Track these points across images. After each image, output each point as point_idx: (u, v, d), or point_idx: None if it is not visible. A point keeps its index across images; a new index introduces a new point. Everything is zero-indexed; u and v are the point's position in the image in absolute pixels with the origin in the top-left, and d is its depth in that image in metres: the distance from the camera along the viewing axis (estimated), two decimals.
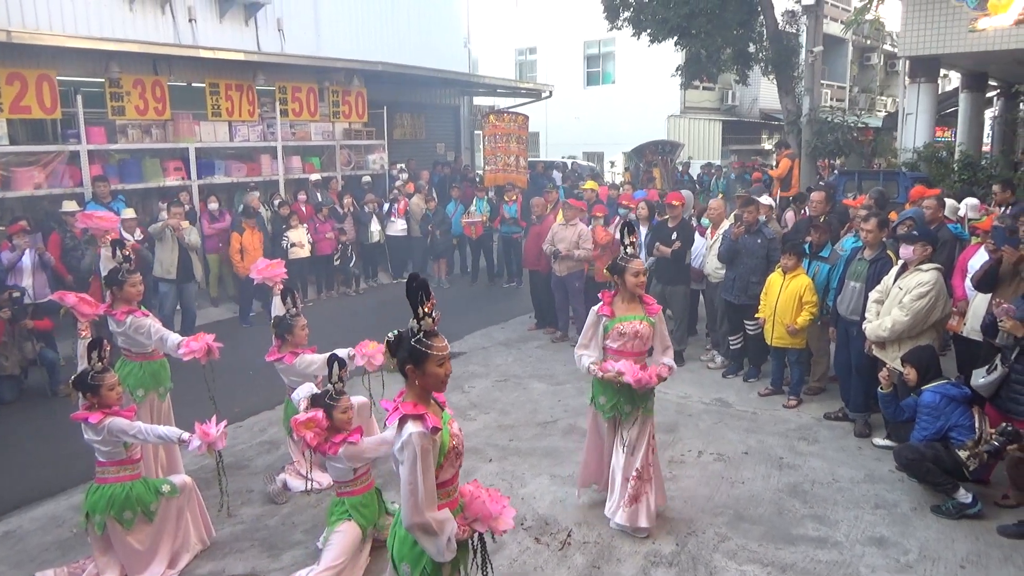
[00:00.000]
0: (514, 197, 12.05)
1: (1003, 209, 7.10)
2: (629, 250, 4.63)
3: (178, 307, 8.98)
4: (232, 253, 10.23)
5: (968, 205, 7.92)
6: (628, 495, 4.62)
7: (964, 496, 4.80)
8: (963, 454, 4.78)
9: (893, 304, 5.59)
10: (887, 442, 5.84)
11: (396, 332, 2.92)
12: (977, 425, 4.84)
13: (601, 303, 4.67)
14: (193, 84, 11.45)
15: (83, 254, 8.06)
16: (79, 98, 9.51)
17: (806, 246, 6.98)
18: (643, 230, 8.51)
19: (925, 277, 5.48)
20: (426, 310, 2.84)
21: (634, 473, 4.62)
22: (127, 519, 4.25)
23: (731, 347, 7.67)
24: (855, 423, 6.24)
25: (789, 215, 9.67)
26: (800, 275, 6.65)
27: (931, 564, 4.34)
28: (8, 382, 7.29)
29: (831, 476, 5.45)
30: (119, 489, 4.25)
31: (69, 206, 8.53)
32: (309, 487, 5.14)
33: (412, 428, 2.77)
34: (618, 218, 9.42)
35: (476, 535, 3.03)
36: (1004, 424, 4.69)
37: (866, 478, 5.40)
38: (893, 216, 7.37)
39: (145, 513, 4.30)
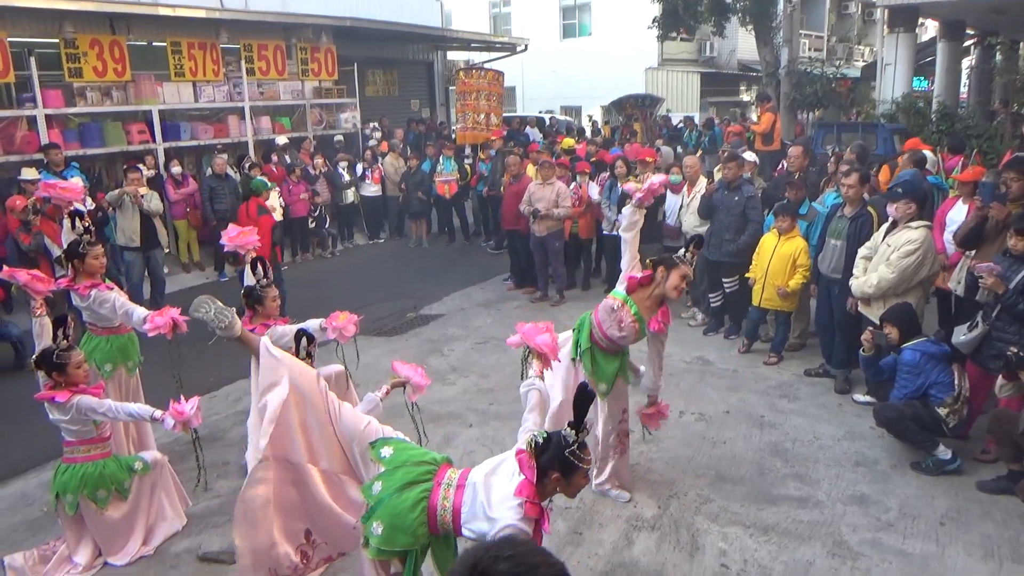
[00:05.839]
0: (491, 155, 11.83)
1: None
2: (687, 256, 4.34)
3: (146, 274, 8.75)
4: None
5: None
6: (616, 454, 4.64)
7: (944, 453, 4.81)
8: (943, 411, 4.79)
9: (881, 261, 5.53)
10: (867, 398, 5.85)
11: (545, 434, 2.77)
12: (956, 382, 4.83)
13: (638, 277, 4.32)
14: (154, 43, 11.02)
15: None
16: (33, 60, 9.09)
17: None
18: (620, 188, 8.36)
19: (914, 235, 5.40)
20: (585, 423, 2.72)
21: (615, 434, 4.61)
22: (101, 498, 4.15)
23: (711, 304, 7.62)
24: (835, 379, 6.24)
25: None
26: (795, 237, 6.55)
27: (911, 521, 4.36)
28: None
29: (812, 434, 5.45)
30: (91, 468, 4.13)
31: (28, 174, 8.19)
32: None
33: (521, 519, 2.67)
34: (603, 175, 9.25)
35: None
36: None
37: (846, 435, 5.41)
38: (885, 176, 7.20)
39: (119, 491, 4.21)
